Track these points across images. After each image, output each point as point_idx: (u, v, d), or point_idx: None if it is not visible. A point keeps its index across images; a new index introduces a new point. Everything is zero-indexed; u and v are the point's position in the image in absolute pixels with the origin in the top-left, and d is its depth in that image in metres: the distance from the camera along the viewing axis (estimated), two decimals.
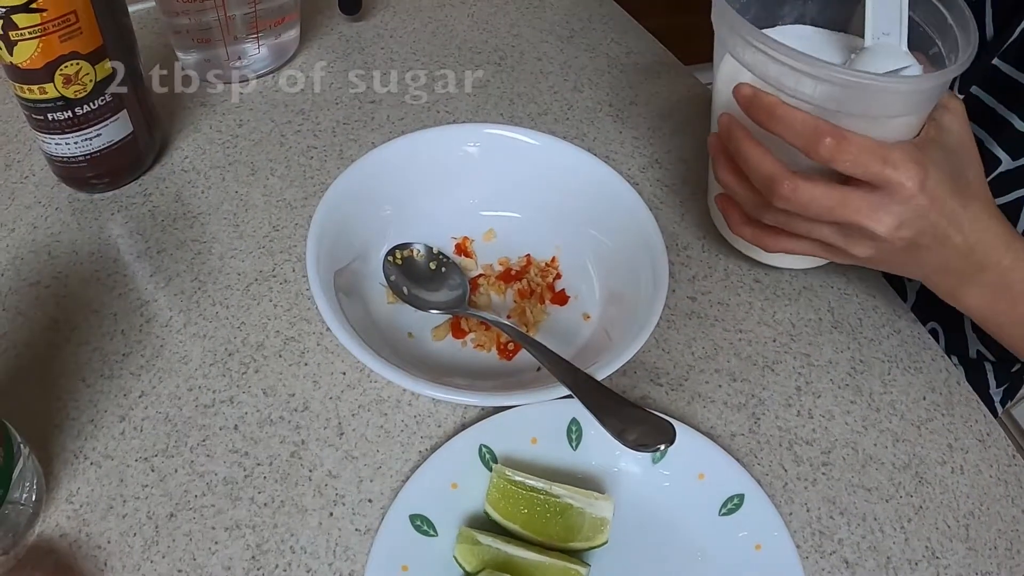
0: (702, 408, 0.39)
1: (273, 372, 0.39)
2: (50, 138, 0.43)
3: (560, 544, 0.32)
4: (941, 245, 0.34)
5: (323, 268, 0.37)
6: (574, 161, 0.42)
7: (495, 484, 0.33)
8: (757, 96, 0.33)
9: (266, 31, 0.52)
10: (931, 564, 0.35)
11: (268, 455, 0.36)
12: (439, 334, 0.40)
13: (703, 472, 0.35)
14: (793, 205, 0.33)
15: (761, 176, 0.34)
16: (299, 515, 0.34)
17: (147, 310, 0.41)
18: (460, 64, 0.57)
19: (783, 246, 0.37)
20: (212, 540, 0.33)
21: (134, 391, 0.38)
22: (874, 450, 0.38)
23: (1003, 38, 0.41)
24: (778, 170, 0.33)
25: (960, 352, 0.51)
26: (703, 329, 0.42)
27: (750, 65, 0.34)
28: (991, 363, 0.51)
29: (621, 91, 0.56)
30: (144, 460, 0.35)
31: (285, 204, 0.46)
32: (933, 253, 0.34)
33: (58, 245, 0.43)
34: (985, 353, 0.50)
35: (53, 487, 0.34)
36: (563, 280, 0.43)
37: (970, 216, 0.34)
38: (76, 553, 0.32)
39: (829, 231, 0.34)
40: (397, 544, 0.32)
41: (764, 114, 0.33)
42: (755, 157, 0.34)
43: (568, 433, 0.35)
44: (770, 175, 0.33)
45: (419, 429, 0.37)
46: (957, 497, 0.37)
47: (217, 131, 0.50)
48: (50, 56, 0.39)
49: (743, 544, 0.33)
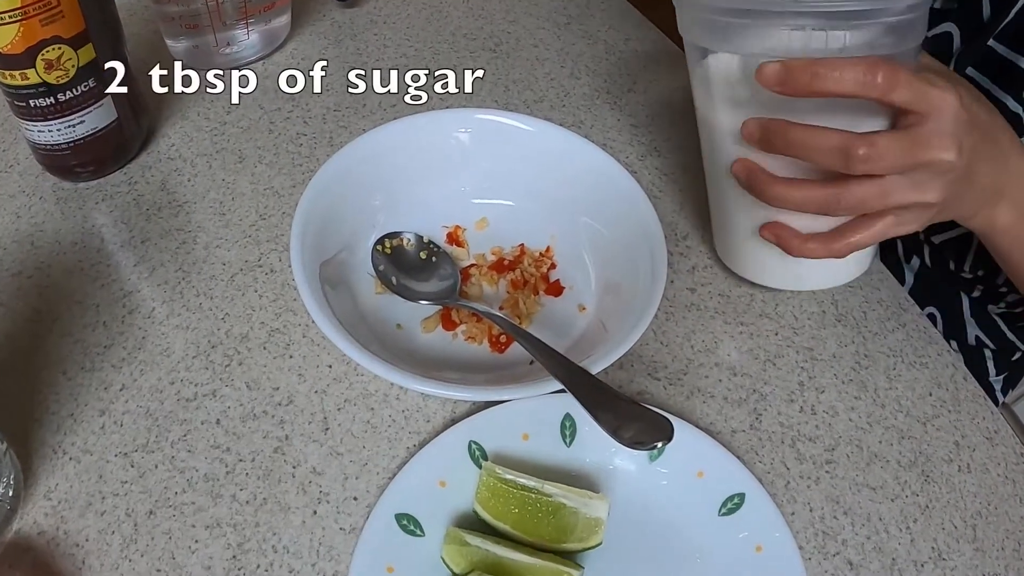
0: (701, 403, 0.38)
1: (257, 365, 0.38)
2: (33, 125, 0.42)
3: (552, 545, 0.31)
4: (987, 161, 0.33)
5: (308, 258, 0.35)
6: (569, 147, 0.41)
7: (485, 482, 0.32)
8: (789, 65, 0.30)
9: (256, 17, 0.51)
10: (937, 566, 0.33)
11: (251, 451, 0.35)
12: (429, 326, 0.39)
13: (702, 470, 0.34)
14: (873, 163, 0.30)
15: (830, 150, 0.31)
16: (282, 513, 0.33)
17: (130, 301, 0.40)
18: (455, 51, 0.55)
19: (856, 241, 0.34)
20: (192, 539, 0.32)
21: (115, 384, 0.37)
22: (879, 447, 0.37)
23: (999, 19, 0.40)
24: (844, 135, 0.31)
25: (959, 338, 0.50)
26: (703, 321, 0.41)
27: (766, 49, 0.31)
28: (991, 351, 0.50)
29: (619, 78, 0.55)
30: (124, 456, 0.34)
31: (273, 192, 0.45)
32: (982, 173, 0.33)
33: (41, 235, 0.42)
34: (984, 340, 0.49)
35: (31, 483, 0.33)
36: (558, 270, 0.41)
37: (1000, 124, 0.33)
38: (54, 551, 0.32)
39: (902, 188, 0.32)
40: (382, 544, 0.31)
41: (807, 78, 0.30)
42: (814, 135, 0.31)
43: (562, 429, 0.34)
44: (840, 144, 0.31)
45: (407, 424, 0.36)
46: (964, 496, 0.36)
47: (205, 119, 0.49)
48: (31, 40, 0.38)
49: (744, 545, 0.32)
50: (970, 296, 0.49)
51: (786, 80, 0.30)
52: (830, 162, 0.31)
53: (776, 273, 0.39)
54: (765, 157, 0.34)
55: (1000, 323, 0.50)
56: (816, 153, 0.31)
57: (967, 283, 0.48)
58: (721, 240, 0.42)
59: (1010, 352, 0.51)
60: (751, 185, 0.34)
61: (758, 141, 0.33)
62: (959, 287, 0.49)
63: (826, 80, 0.30)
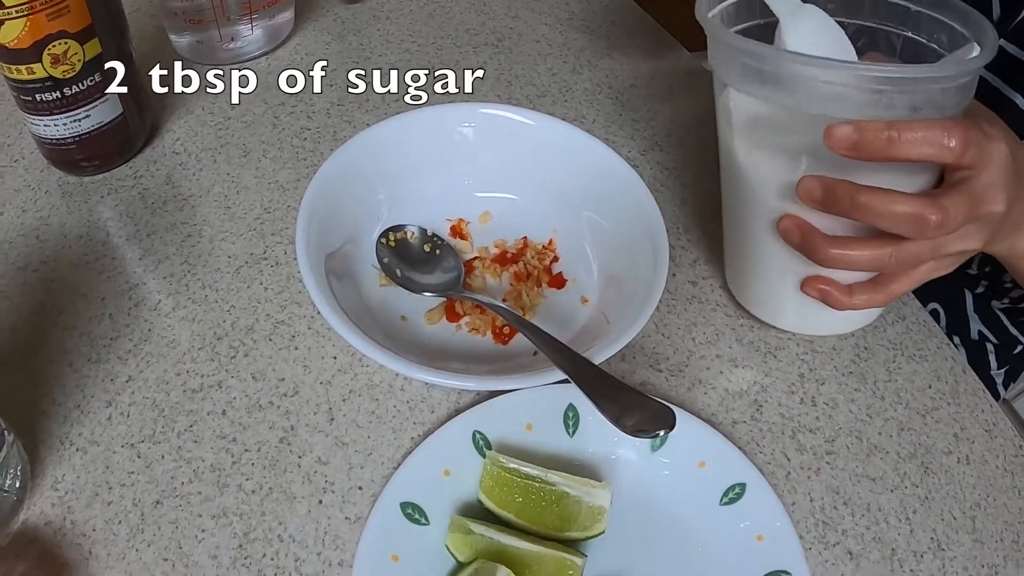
0: (703, 395, 0.38)
1: (263, 356, 0.38)
2: (39, 119, 0.42)
3: (556, 534, 0.31)
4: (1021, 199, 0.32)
5: (313, 250, 0.36)
6: (572, 141, 0.41)
7: (488, 472, 0.32)
8: (863, 129, 0.28)
9: (260, 12, 0.51)
10: (936, 556, 0.34)
11: (256, 441, 0.35)
12: (433, 317, 0.39)
13: (704, 460, 0.34)
14: (944, 229, 0.29)
15: (902, 218, 0.29)
16: (288, 503, 0.33)
17: (136, 294, 0.40)
18: (457, 46, 0.55)
19: (898, 290, 0.33)
20: (199, 528, 0.32)
21: (121, 376, 0.37)
22: (879, 439, 0.37)
23: (1010, 18, 0.40)
24: (916, 202, 0.29)
25: (961, 333, 0.50)
26: (704, 314, 0.41)
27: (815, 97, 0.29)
28: (993, 345, 0.50)
29: (621, 73, 0.55)
30: (130, 446, 0.35)
31: (277, 186, 0.46)
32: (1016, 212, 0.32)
33: (47, 228, 0.43)
34: (987, 335, 0.49)
35: (38, 474, 0.34)
36: (560, 263, 0.42)
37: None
38: (61, 541, 0.32)
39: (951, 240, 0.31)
40: (387, 533, 0.31)
41: (881, 143, 0.28)
42: (884, 202, 0.29)
43: (565, 419, 0.35)
44: (913, 213, 0.28)
45: (411, 415, 0.36)
46: (963, 488, 0.36)
47: (209, 113, 0.50)
48: (38, 35, 0.38)
49: (744, 534, 0.32)
50: (974, 292, 0.50)
51: (859, 145, 0.28)
52: (900, 229, 0.29)
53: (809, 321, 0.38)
54: (809, 211, 0.32)
55: (1003, 318, 0.50)
56: (886, 220, 0.29)
57: (972, 279, 0.49)
58: (740, 282, 0.40)
59: (1012, 346, 0.51)
60: (804, 246, 0.32)
61: (819, 202, 0.31)
62: (964, 283, 0.49)
63: (901, 145, 0.28)
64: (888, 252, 0.31)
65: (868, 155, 0.28)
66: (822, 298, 0.34)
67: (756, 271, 0.38)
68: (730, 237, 0.39)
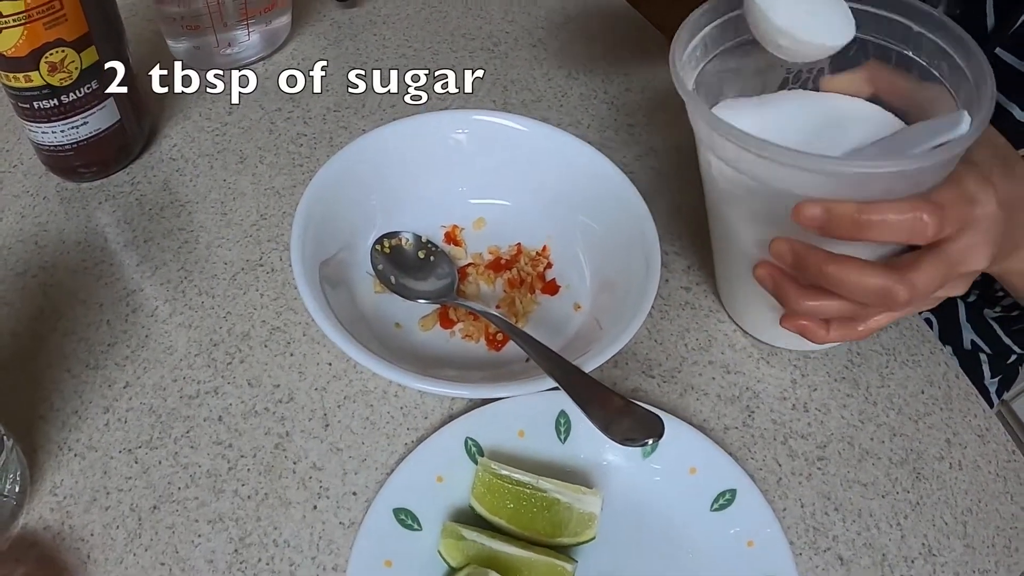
0: (695, 401, 0.38)
1: (258, 362, 0.38)
2: (36, 126, 0.42)
3: (547, 539, 0.32)
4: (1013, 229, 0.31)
5: (308, 258, 0.36)
6: (565, 148, 0.41)
7: (480, 478, 0.32)
8: (831, 211, 0.27)
9: (256, 18, 0.52)
10: (927, 561, 0.34)
11: (252, 447, 0.35)
12: (427, 324, 0.39)
13: (695, 466, 0.34)
14: (915, 303, 0.29)
15: (870, 294, 0.28)
16: (283, 508, 0.34)
17: (133, 300, 0.40)
18: (453, 51, 0.56)
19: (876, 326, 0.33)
20: (195, 533, 0.33)
21: (119, 382, 0.37)
22: (871, 445, 0.37)
23: (1005, 27, 0.40)
24: (884, 277, 0.28)
25: (954, 343, 0.50)
26: (697, 320, 0.41)
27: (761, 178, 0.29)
28: (986, 355, 0.50)
29: (617, 78, 0.55)
30: (128, 452, 0.35)
31: (273, 192, 0.46)
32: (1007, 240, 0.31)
33: (45, 234, 0.43)
34: (980, 344, 0.49)
35: (37, 479, 0.34)
36: (554, 269, 0.42)
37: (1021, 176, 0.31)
38: (59, 545, 0.32)
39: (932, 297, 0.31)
40: (381, 538, 0.32)
41: (850, 226, 0.27)
42: (852, 274, 0.28)
43: (556, 426, 0.35)
44: (881, 288, 0.28)
45: (405, 421, 0.36)
46: (955, 493, 0.36)
47: (207, 119, 0.50)
48: (35, 44, 0.38)
49: (735, 540, 0.33)
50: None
51: (827, 226, 0.28)
52: (869, 301, 0.29)
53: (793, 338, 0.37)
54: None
55: (995, 327, 0.50)
56: (855, 294, 0.29)
57: None
58: (731, 303, 0.41)
59: (1005, 355, 0.51)
60: (777, 294, 0.32)
61: (789, 265, 0.31)
62: None
63: (872, 229, 0.27)
64: (858, 307, 0.30)
65: (837, 235, 0.28)
66: (800, 333, 0.33)
67: (744, 295, 0.39)
68: (718, 260, 0.40)
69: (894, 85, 0.33)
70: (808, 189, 0.28)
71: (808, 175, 0.28)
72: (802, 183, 0.28)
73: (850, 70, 0.34)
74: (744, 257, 0.35)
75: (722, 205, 0.34)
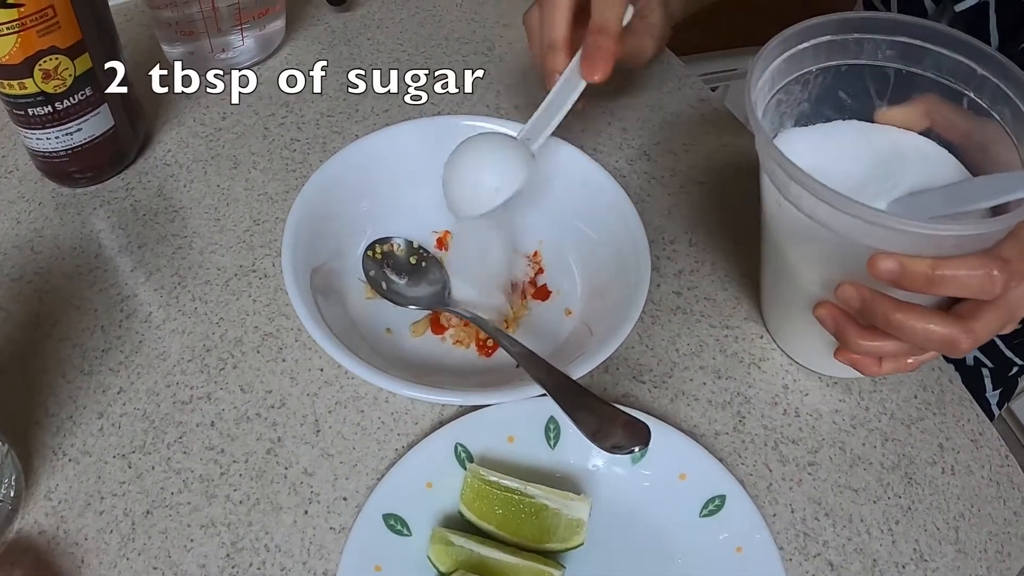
0: (685, 406, 0.38)
1: (251, 368, 0.38)
2: (31, 133, 0.42)
3: (535, 545, 0.32)
4: None
5: (300, 265, 0.36)
6: (556, 153, 0.41)
7: (469, 484, 0.32)
8: (907, 267, 0.28)
9: (251, 22, 0.52)
10: (919, 567, 0.34)
11: (244, 452, 0.36)
12: (418, 330, 0.39)
13: (684, 472, 0.34)
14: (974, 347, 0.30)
15: (934, 342, 0.30)
16: (274, 513, 0.34)
17: (127, 305, 0.41)
18: (447, 55, 0.56)
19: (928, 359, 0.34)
20: (188, 538, 0.33)
21: (113, 387, 0.38)
22: (862, 450, 0.37)
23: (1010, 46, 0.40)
24: (949, 327, 0.29)
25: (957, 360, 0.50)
26: (688, 325, 0.41)
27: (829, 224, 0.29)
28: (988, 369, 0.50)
29: (610, 82, 0.54)
30: (122, 457, 0.35)
31: (266, 198, 0.46)
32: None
33: (41, 240, 0.43)
34: (982, 359, 0.49)
35: (32, 484, 0.34)
36: (545, 275, 0.42)
37: None
38: (54, 550, 0.33)
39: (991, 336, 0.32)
40: (370, 544, 0.32)
41: (923, 282, 0.29)
42: (919, 326, 0.29)
43: (546, 432, 0.35)
44: (945, 338, 0.29)
45: (396, 426, 0.37)
46: (947, 498, 0.36)
47: (201, 124, 0.50)
48: (29, 51, 0.39)
49: (724, 546, 0.33)
50: None
51: (901, 280, 0.29)
52: (931, 348, 0.31)
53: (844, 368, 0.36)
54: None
55: (997, 341, 0.49)
56: (919, 341, 0.30)
57: None
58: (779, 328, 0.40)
59: (1007, 368, 0.51)
60: (837, 333, 0.33)
61: (856, 310, 0.32)
62: None
63: (945, 285, 0.28)
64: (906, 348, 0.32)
65: (910, 289, 0.29)
66: (853, 366, 0.34)
67: (797, 325, 0.38)
68: (770, 288, 0.39)
69: (951, 121, 0.33)
70: (883, 243, 0.29)
71: (887, 232, 0.28)
72: (879, 239, 0.29)
73: (906, 103, 0.34)
74: (800, 293, 0.35)
75: (784, 243, 0.34)
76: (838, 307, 0.33)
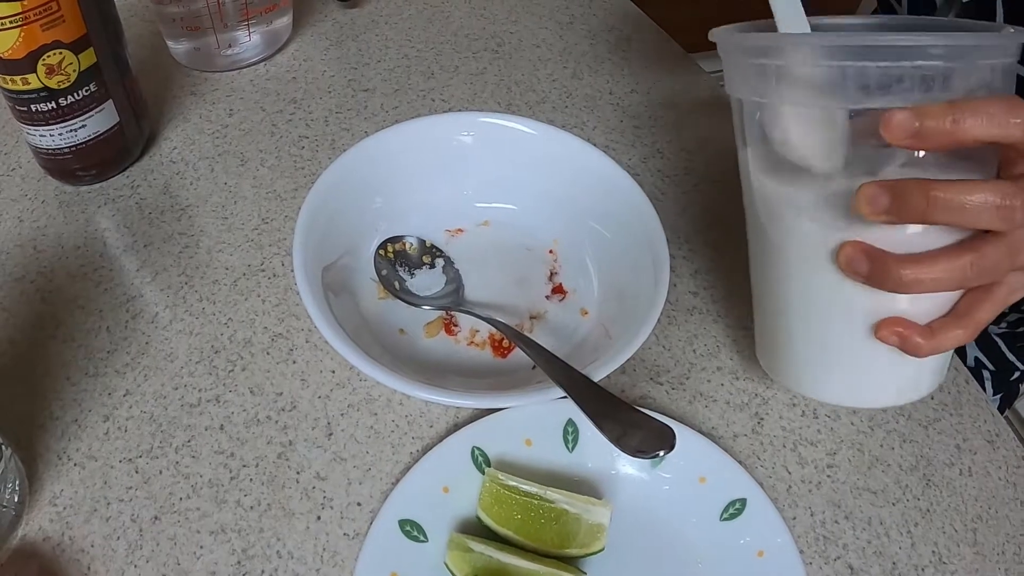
0: (703, 408, 0.38)
1: (260, 370, 0.38)
2: (34, 130, 0.41)
3: (555, 551, 0.31)
4: None
5: (311, 264, 0.35)
6: (572, 151, 0.41)
7: (487, 489, 0.32)
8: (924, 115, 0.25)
9: (257, 18, 0.51)
10: (938, 569, 0.34)
11: (255, 456, 0.35)
12: (432, 330, 0.39)
13: (704, 476, 0.34)
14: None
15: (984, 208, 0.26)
16: (286, 519, 0.33)
17: (133, 306, 0.40)
18: (457, 51, 0.55)
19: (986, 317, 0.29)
20: (197, 544, 0.32)
21: (119, 390, 0.37)
22: (880, 451, 0.37)
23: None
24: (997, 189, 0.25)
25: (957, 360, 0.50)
26: (705, 325, 0.41)
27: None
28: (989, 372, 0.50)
29: (622, 79, 0.54)
30: (128, 461, 0.34)
31: (275, 196, 0.45)
32: None
33: (44, 239, 0.42)
34: (984, 361, 0.49)
35: (36, 489, 0.34)
36: (560, 274, 0.41)
37: None
38: (59, 557, 0.32)
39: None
40: (386, 550, 0.31)
41: (947, 124, 0.25)
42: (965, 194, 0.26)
43: (564, 434, 0.34)
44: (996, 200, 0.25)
45: (410, 430, 0.36)
46: (965, 500, 0.36)
47: (207, 121, 0.49)
48: (32, 46, 0.38)
49: (745, 551, 0.32)
50: None
51: (921, 132, 0.25)
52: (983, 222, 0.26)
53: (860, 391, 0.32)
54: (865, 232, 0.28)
55: (1000, 343, 0.49)
56: (970, 213, 0.26)
57: None
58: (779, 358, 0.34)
59: (1008, 372, 0.50)
60: (875, 271, 0.28)
61: (886, 211, 0.26)
62: None
63: (967, 127, 0.25)
64: (968, 260, 0.27)
65: (931, 143, 0.25)
66: (900, 344, 0.29)
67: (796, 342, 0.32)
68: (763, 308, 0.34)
69: None
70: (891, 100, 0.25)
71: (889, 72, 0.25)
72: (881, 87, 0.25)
73: None
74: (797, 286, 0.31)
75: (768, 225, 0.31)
76: (864, 243, 0.28)
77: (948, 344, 0.29)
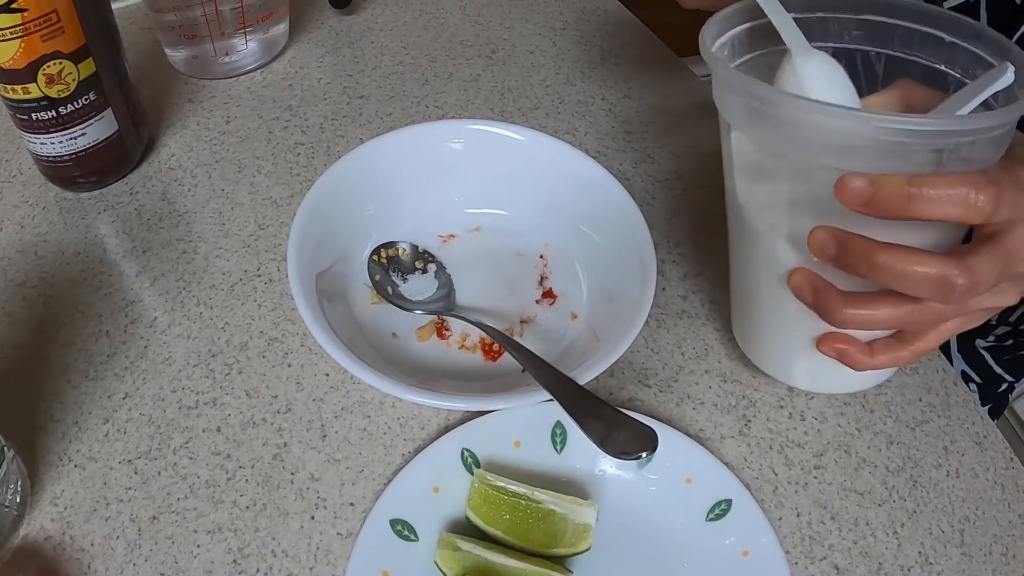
0: (691, 410, 0.38)
1: (256, 373, 0.38)
2: (35, 138, 0.42)
3: (542, 550, 0.32)
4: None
5: (305, 271, 0.36)
6: (561, 157, 0.41)
7: (476, 489, 0.32)
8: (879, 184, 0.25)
9: (254, 26, 0.52)
10: (924, 570, 0.34)
11: (251, 457, 0.36)
12: (424, 335, 0.39)
13: (690, 477, 0.34)
14: (971, 293, 0.26)
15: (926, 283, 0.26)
16: (281, 518, 0.34)
17: (132, 310, 0.41)
18: (451, 58, 0.56)
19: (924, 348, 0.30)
20: (194, 543, 0.33)
21: (118, 393, 0.37)
22: (867, 453, 0.37)
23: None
24: (941, 264, 0.25)
25: None
26: (694, 328, 0.41)
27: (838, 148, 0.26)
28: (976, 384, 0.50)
29: (614, 84, 0.55)
30: (128, 462, 0.35)
31: (271, 202, 0.46)
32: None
33: (45, 245, 0.43)
34: (970, 374, 0.49)
35: (37, 489, 0.34)
36: (550, 279, 0.42)
37: None
38: (60, 556, 0.32)
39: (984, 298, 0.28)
40: (377, 549, 0.32)
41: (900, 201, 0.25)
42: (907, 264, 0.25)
43: (552, 436, 0.35)
44: (938, 275, 0.25)
45: (402, 431, 0.37)
46: (952, 501, 0.36)
47: (205, 128, 0.50)
48: (32, 56, 0.39)
49: (730, 551, 0.33)
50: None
51: (874, 201, 0.25)
52: (924, 293, 0.26)
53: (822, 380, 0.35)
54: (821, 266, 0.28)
55: (986, 356, 0.49)
56: (909, 284, 0.26)
57: None
58: (748, 335, 0.37)
59: (995, 384, 0.50)
60: (817, 305, 0.29)
61: (832, 259, 0.27)
62: None
63: (923, 204, 0.24)
64: (909, 310, 0.27)
65: (884, 213, 0.25)
66: (840, 358, 0.30)
67: (764, 325, 0.35)
68: (736, 288, 0.36)
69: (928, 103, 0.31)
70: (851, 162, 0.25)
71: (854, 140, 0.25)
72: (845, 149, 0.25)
73: (882, 91, 0.32)
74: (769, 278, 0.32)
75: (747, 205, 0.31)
76: (815, 273, 0.29)
77: (887, 364, 0.30)
